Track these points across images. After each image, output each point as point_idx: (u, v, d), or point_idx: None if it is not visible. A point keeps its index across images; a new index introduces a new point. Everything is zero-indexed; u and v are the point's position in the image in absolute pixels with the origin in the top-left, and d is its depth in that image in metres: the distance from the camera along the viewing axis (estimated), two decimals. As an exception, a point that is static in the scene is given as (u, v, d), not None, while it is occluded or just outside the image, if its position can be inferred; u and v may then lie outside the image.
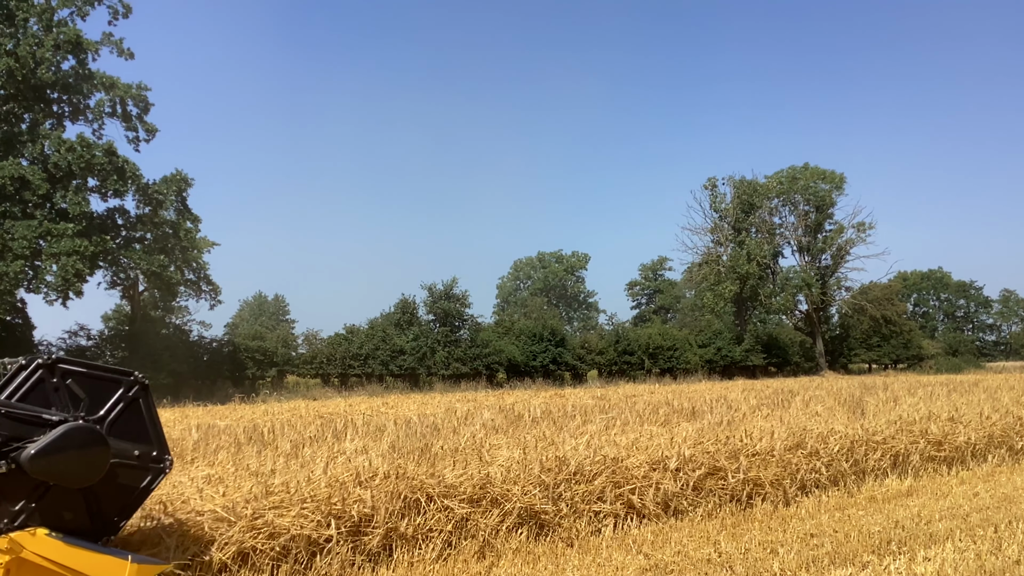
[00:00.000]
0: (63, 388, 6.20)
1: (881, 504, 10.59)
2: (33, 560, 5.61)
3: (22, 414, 5.92)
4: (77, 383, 6.25)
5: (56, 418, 6.01)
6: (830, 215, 77.13)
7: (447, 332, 57.36)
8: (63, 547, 5.74)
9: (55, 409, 6.09)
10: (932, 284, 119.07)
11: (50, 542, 5.71)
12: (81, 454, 5.93)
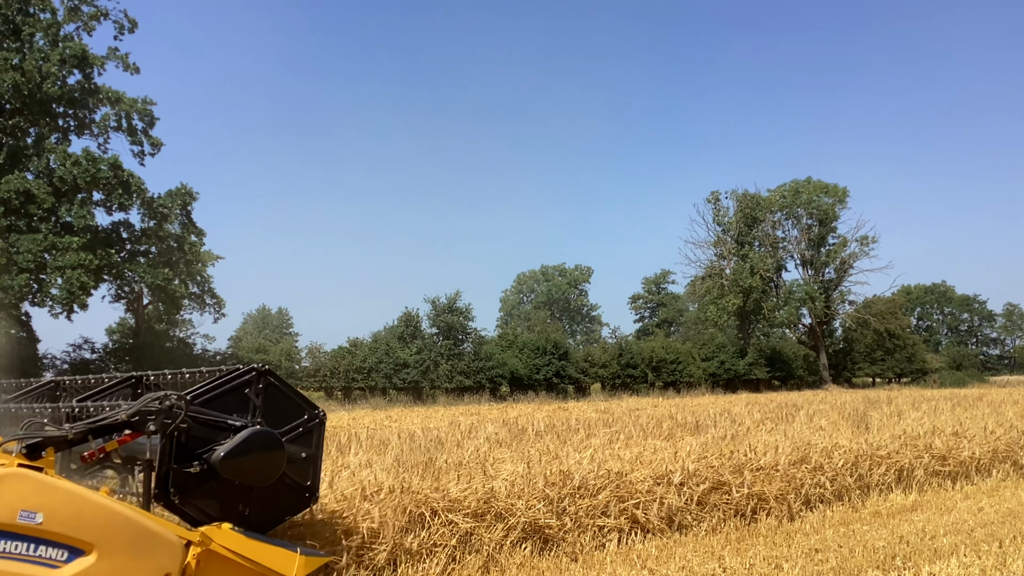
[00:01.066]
0: (258, 397, 6.95)
1: (886, 519, 10.58)
2: (219, 552, 6.22)
3: (210, 419, 6.64)
4: (267, 396, 6.99)
5: (238, 423, 6.72)
6: (833, 228, 77.21)
7: (450, 345, 57.37)
8: (243, 540, 6.38)
9: (236, 415, 6.80)
10: (936, 298, 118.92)
11: (233, 535, 6.34)
12: (262, 456, 6.66)
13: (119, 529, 5.88)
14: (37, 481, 5.65)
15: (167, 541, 6.04)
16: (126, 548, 5.87)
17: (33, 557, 5.53)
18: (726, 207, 77.34)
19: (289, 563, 6.52)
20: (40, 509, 5.56)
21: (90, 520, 5.75)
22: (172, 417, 6.36)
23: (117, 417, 6.31)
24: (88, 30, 41.57)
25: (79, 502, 5.79)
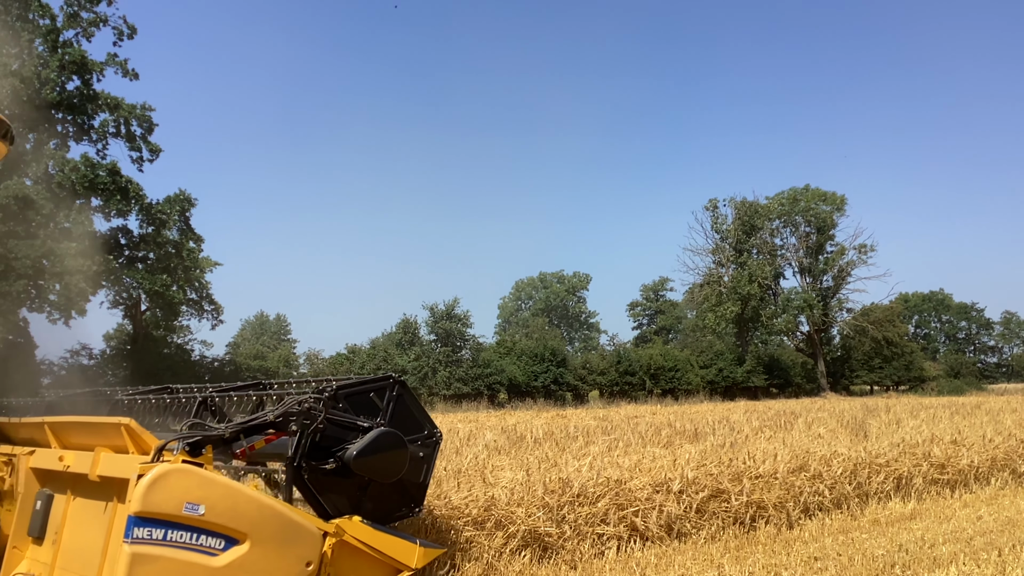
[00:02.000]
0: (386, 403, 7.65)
1: (885, 527, 10.58)
2: (350, 542, 6.93)
3: (343, 420, 7.30)
4: (378, 396, 7.68)
5: (366, 424, 7.38)
6: (831, 236, 77.33)
7: (448, 352, 57.35)
8: (371, 531, 7.10)
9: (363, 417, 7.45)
10: (933, 306, 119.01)
11: (362, 526, 7.05)
12: (389, 454, 7.34)
13: (268, 520, 6.55)
14: (200, 476, 6.30)
15: (308, 532, 6.76)
16: (274, 538, 6.56)
17: (195, 545, 6.16)
18: (724, 215, 77.51)
19: (410, 553, 7.28)
20: (202, 502, 6.21)
21: (244, 512, 6.42)
22: (311, 418, 7.04)
23: (266, 418, 6.99)
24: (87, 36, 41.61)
25: (235, 495, 6.46)
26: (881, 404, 37.27)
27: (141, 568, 5.93)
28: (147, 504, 6.02)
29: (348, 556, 6.96)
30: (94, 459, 6.88)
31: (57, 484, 7.71)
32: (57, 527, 7.46)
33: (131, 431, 6.72)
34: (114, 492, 6.77)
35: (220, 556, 6.29)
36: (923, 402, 39.56)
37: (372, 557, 7.12)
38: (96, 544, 6.77)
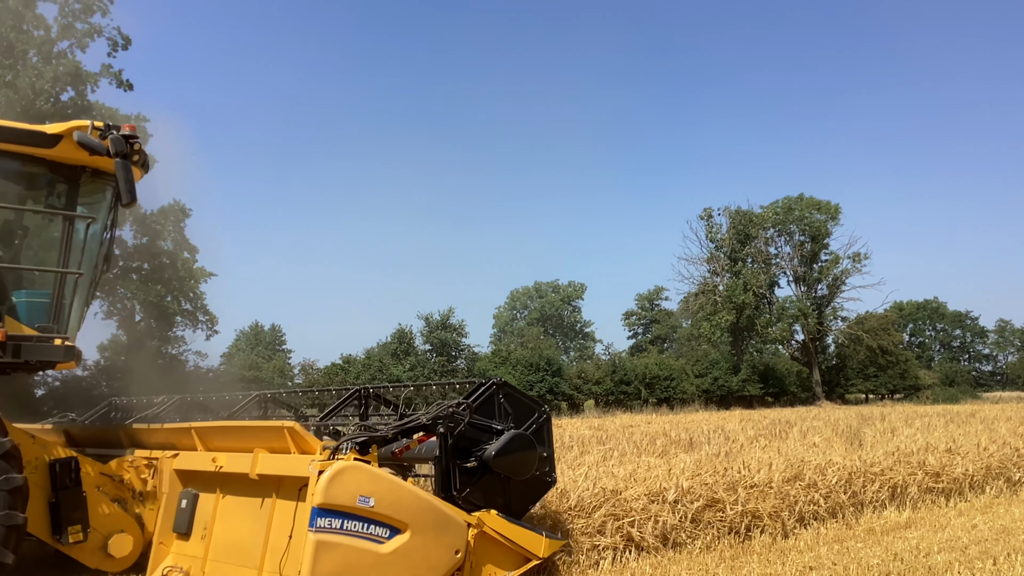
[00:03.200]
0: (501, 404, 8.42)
1: (880, 536, 10.58)
2: (489, 533, 7.78)
3: (480, 423, 8.12)
4: (507, 402, 8.48)
5: (499, 427, 8.24)
6: (825, 245, 77.47)
7: (444, 362, 57.28)
8: (505, 523, 7.94)
9: (496, 420, 8.28)
10: (928, 314, 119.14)
11: (498, 519, 7.90)
12: (522, 454, 8.20)
13: (426, 512, 7.37)
14: (369, 472, 7.13)
15: (457, 523, 7.58)
16: (430, 528, 7.35)
17: (366, 534, 6.95)
18: (719, 224, 77.60)
19: (538, 544, 8.13)
20: (372, 495, 6.99)
21: (406, 504, 7.22)
22: (456, 422, 7.91)
23: (419, 420, 7.79)
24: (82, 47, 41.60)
25: (398, 490, 7.27)
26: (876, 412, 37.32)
27: (324, 554, 6.67)
28: (328, 497, 6.76)
29: (486, 545, 7.80)
30: (253, 459, 7.64)
31: (203, 483, 8.44)
32: (206, 523, 8.22)
33: (294, 433, 7.51)
34: (273, 489, 7.65)
35: (386, 544, 7.07)
36: (918, 410, 39.62)
37: (506, 547, 7.94)
38: (255, 536, 7.59)
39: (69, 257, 8.61)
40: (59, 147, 8.32)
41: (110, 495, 8.86)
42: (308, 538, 6.70)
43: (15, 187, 8.70)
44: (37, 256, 8.92)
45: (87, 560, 8.56)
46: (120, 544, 8.65)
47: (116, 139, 8.19)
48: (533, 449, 8.38)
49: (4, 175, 8.46)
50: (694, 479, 11.00)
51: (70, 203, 8.71)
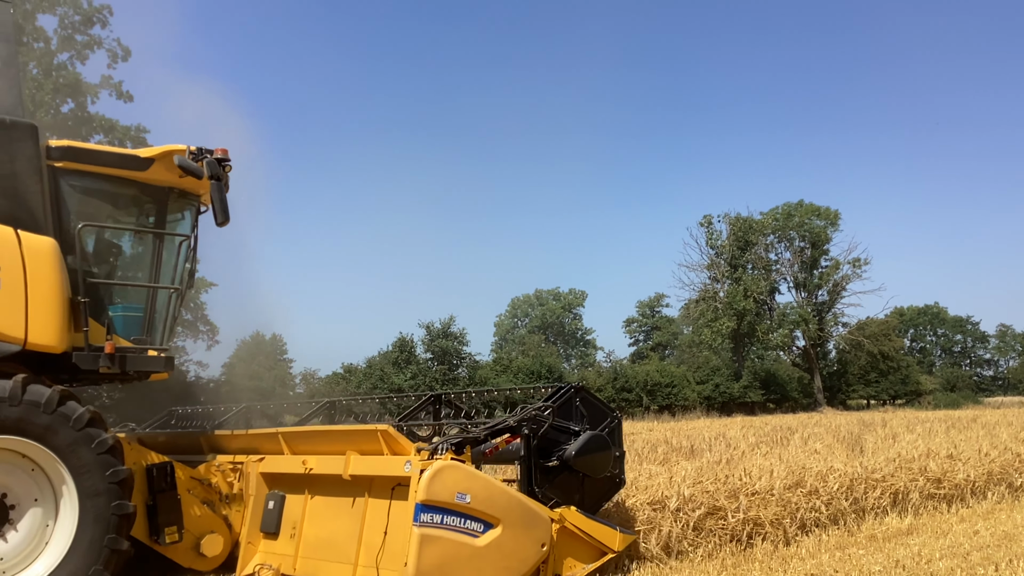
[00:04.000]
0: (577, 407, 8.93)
1: (881, 543, 10.56)
2: (569, 527, 8.30)
3: (559, 424, 8.63)
4: (583, 405, 9.00)
5: (576, 428, 8.77)
6: (826, 251, 77.58)
7: (445, 370, 57.26)
8: (584, 518, 8.47)
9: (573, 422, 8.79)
10: (929, 319, 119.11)
11: (578, 515, 8.43)
12: (599, 454, 8.74)
13: (516, 508, 7.90)
14: (465, 470, 7.67)
15: (542, 518, 8.09)
16: (520, 523, 7.86)
17: (463, 528, 7.46)
18: (719, 230, 77.70)
19: (613, 538, 8.63)
20: (468, 492, 7.51)
21: (498, 501, 7.75)
22: (539, 424, 8.41)
23: (507, 423, 8.34)
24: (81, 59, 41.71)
25: (491, 487, 7.84)
26: (877, 418, 37.27)
27: (427, 546, 7.19)
28: (430, 494, 7.28)
29: (567, 540, 8.31)
30: (346, 461, 8.17)
31: (290, 485, 9.03)
32: (295, 522, 8.78)
33: (387, 436, 8.03)
34: (365, 488, 8.20)
35: (481, 537, 7.58)
36: (919, 416, 39.56)
37: (585, 541, 8.44)
38: (348, 534, 8.13)
39: (160, 273, 9.21)
40: (151, 170, 8.89)
41: (199, 498, 9.33)
42: (412, 532, 7.20)
43: (109, 208, 9.20)
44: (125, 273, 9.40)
45: (181, 559, 9.01)
46: (211, 544, 9.08)
47: (211, 162, 8.83)
48: (608, 449, 8.94)
49: (100, 197, 8.97)
50: (696, 487, 10.98)
51: (159, 222, 9.27)
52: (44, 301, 7.68)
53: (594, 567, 8.56)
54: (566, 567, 8.34)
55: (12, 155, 7.80)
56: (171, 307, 9.50)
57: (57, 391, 7.52)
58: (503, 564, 7.70)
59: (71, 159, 8.43)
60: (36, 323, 7.58)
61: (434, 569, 7.24)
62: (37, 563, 7.53)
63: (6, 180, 7.76)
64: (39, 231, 7.84)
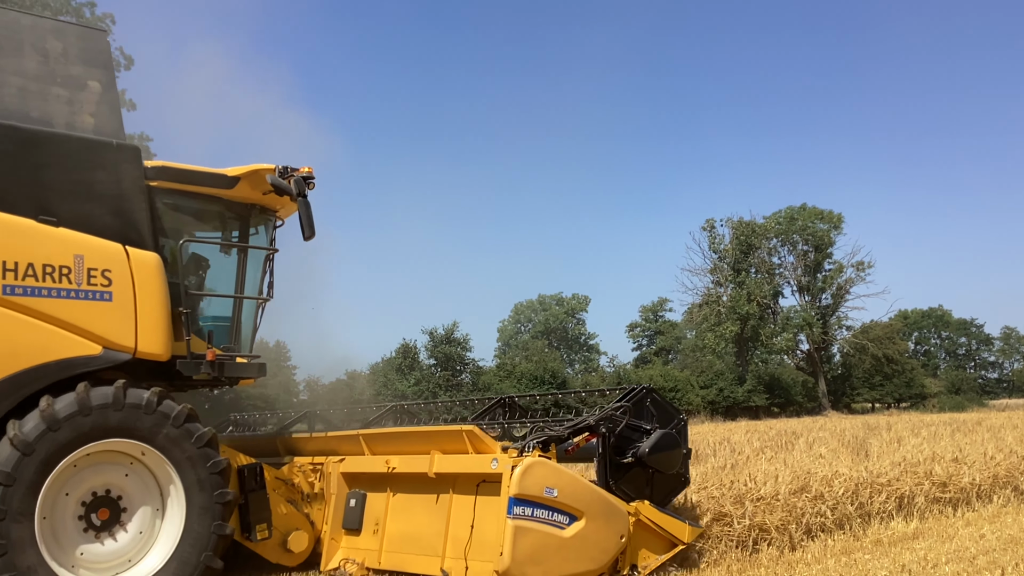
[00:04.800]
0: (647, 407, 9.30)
1: (887, 547, 10.54)
2: (644, 520, 8.80)
3: (635, 424, 9.07)
4: (653, 405, 9.38)
5: (648, 427, 9.15)
6: (829, 255, 77.52)
7: (448, 376, 57.23)
8: (657, 512, 8.96)
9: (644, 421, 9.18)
10: (933, 322, 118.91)
11: (651, 508, 8.92)
12: (671, 451, 9.13)
13: (598, 502, 8.39)
14: (552, 466, 8.18)
15: (621, 512, 8.58)
16: (601, 516, 8.35)
17: (551, 520, 7.97)
18: (721, 235, 77.69)
19: (683, 530, 9.14)
20: (555, 486, 8.00)
21: (582, 495, 8.26)
22: (616, 423, 8.86)
23: (587, 422, 8.73)
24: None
25: (576, 482, 8.33)
26: (882, 422, 37.21)
27: (520, 537, 7.69)
28: (522, 488, 7.78)
29: (642, 532, 8.79)
30: (430, 460, 8.71)
31: (370, 484, 9.62)
32: (377, 519, 9.34)
33: (472, 435, 8.62)
34: (449, 485, 8.75)
35: (567, 529, 8.05)
36: (924, 419, 39.50)
37: (658, 533, 8.94)
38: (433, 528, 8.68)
39: (245, 284, 9.86)
40: (237, 187, 9.46)
41: (284, 497, 9.81)
42: (507, 524, 7.71)
43: (198, 224, 9.88)
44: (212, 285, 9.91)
45: (269, 555, 9.51)
46: (297, 540, 9.55)
47: (298, 180, 9.33)
48: (678, 447, 9.32)
49: (190, 213, 9.60)
50: (701, 492, 10.98)
51: (242, 237, 9.88)
52: (151, 312, 8.19)
53: (666, 558, 9.07)
54: (641, 557, 8.84)
55: (120, 176, 8.28)
56: (256, 317, 10.20)
57: (155, 392, 8.00)
58: (587, 554, 8.20)
59: (165, 178, 8.92)
60: (145, 333, 8.09)
61: (527, 558, 7.74)
62: (151, 555, 8.08)
63: (115, 200, 8.25)
64: (144, 247, 8.32)
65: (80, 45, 8.44)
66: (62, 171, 7.98)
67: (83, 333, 7.81)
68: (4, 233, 7.55)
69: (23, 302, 7.52)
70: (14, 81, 8.01)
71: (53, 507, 7.65)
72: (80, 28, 8.62)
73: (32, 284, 7.57)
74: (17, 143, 7.76)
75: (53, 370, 7.61)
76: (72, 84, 8.32)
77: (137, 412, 7.85)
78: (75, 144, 8.12)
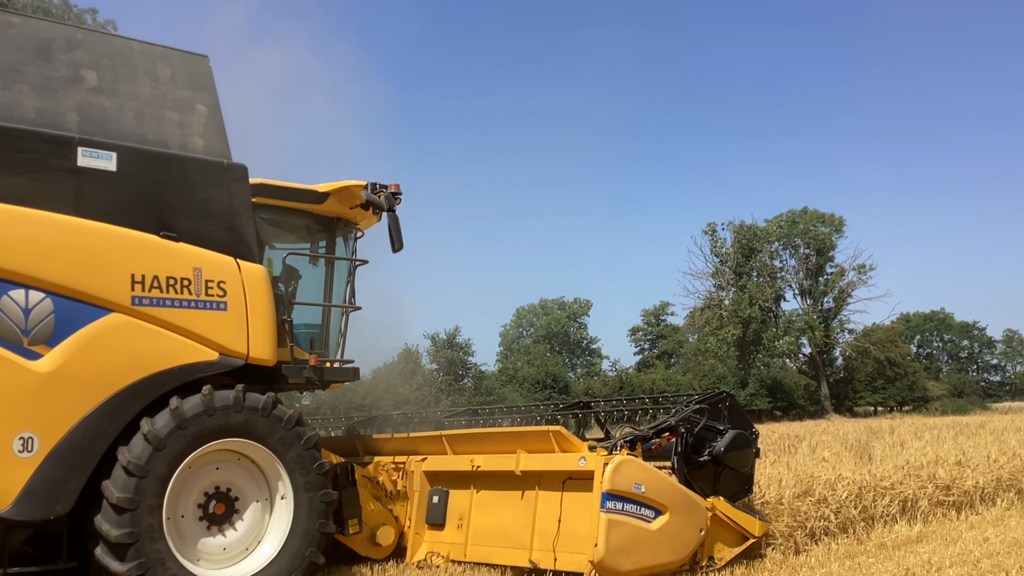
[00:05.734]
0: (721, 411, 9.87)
1: (891, 551, 10.54)
2: (719, 515, 9.34)
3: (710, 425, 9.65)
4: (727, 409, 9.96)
5: (722, 428, 9.75)
6: (831, 258, 77.54)
7: (451, 381, 57.23)
8: (731, 507, 9.52)
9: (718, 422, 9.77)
10: (935, 325, 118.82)
11: (725, 504, 9.47)
12: (744, 450, 9.85)
13: (680, 497, 8.95)
14: (639, 464, 8.80)
15: (700, 507, 9.13)
16: (683, 510, 8.90)
17: (638, 515, 8.51)
18: (723, 238, 77.71)
19: (754, 525, 9.71)
20: (643, 483, 8.56)
21: (665, 491, 8.82)
22: (693, 424, 9.46)
23: (669, 423, 9.38)
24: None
25: (661, 479, 8.92)
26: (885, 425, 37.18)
27: (613, 530, 8.24)
28: (613, 484, 8.33)
29: (717, 526, 9.32)
30: (516, 459, 9.31)
31: (452, 482, 10.20)
32: (461, 514, 9.90)
33: (559, 435, 9.24)
34: (534, 482, 9.30)
35: (652, 523, 8.57)
36: (927, 422, 39.46)
37: (731, 527, 9.47)
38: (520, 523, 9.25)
39: (332, 293, 10.56)
40: (327, 203, 10.15)
41: (371, 494, 10.34)
42: (601, 517, 8.23)
43: (290, 236, 10.70)
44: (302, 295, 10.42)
45: (359, 548, 10.03)
46: (385, 534, 10.11)
47: (388, 196, 10.03)
48: (751, 446, 9.98)
49: (283, 227, 10.41)
50: (705, 497, 10.98)
51: (329, 248, 10.64)
52: (261, 321, 8.75)
53: (739, 550, 9.60)
54: (716, 550, 9.38)
55: (231, 194, 8.83)
56: (341, 324, 10.76)
57: (271, 397, 8.61)
58: (671, 546, 8.76)
59: (263, 195, 9.53)
60: (255, 340, 8.65)
61: (618, 549, 8.27)
62: (260, 549, 8.62)
63: (227, 216, 8.79)
64: (252, 260, 8.89)
65: (186, 70, 8.96)
66: (181, 190, 8.52)
67: (202, 340, 8.33)
68: (133, 248, 8.06)
69: (150, 312, 8.04)
70: (131, 105, 8.47)
71: (177, 501, 8.15)
72: (185, 54, 9.03)
73: (157, 295, 8.12)
74: (141, 164, 8.27)
75: (176, 375, 8.13)
76: (182, 107, 8.79)
77: (254, 415, 8.39)
78: (192, 164, 8.62)
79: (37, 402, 7.35)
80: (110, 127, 8.25)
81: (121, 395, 7.77)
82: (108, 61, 8.47)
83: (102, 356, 7.73)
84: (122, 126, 8.32)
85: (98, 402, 7.65)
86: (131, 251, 8.04)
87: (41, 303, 7.49)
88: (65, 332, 7.57)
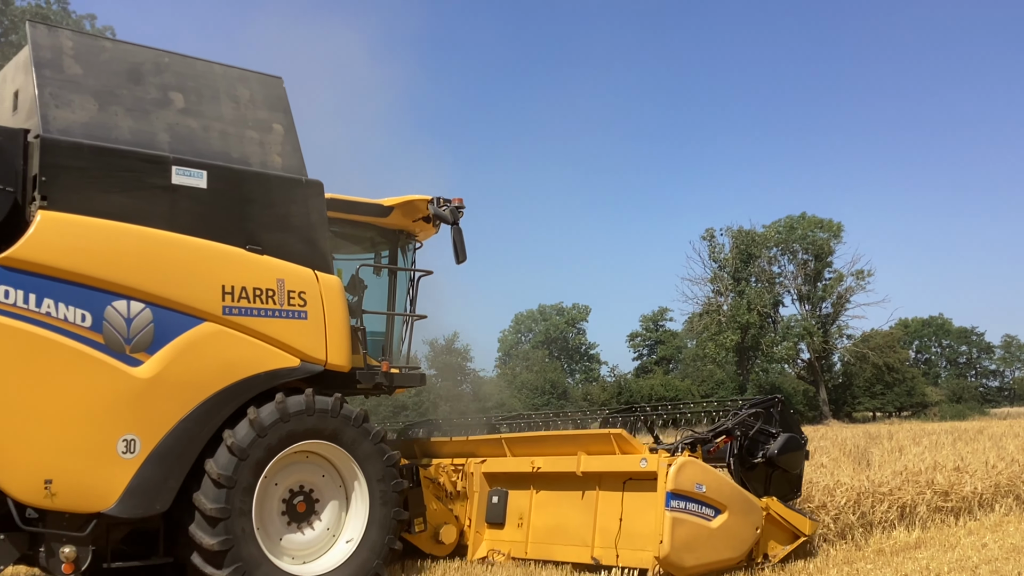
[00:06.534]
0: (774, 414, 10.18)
1: (889, 557, 10.52)
2: (772, 515, 9.65)
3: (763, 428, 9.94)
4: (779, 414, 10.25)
5: (775, 431, 9.99)
6: (829, 263, 77.64)
7: (449, 386, 57.23)
8: (783, 507, 9.82)
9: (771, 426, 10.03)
10: (933, 331, 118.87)
11: (778, 504, 9.77)
12: (796, 453, 10.10)
13: (737, 497, 9.29)
14: (700, 465, 9.18)
15: (756, 506, 9.49)
16: (740, 509, 9.24)
17: (700, 513, 8.85)
18: (721, 244, 77.82)
19: (804, 524, 9.97)
20: (704, 483, 8.95)
21: (725, 491, 9.19)
22: (748, 427, 9.84)
23: (726, 426, 9.78)
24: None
25: (720, 479, 9.29)
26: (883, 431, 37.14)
27: (677, 527, 8.60)
28: (677, 484, 8.70)
29: (771, 525, 9.64)
30: (577, 460, 9.68)
31: (511, 482, 10.60)
32: (521, 514, 10.29)
33: (619, 438, 9.63)
34: (595, 483, 9.68)
35: (712, 521, 8.93)
36: (925, 428, 39.43)
37: (783, 525, 9.77)
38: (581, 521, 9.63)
39: (395, 302, 11.13)
40: (391, 216, 10.80)
41: (434, 494, 10.78)
42: (665, 516, 8.58)
43: (356, 248, 11.24)
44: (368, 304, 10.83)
45: (423, 546, 10.49)
46: (447, 533, 10.55)
47: (452, 209, 10.71)
48: (802, 449, 10.26)
49: (350, 240, 10.99)
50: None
51: (392, 259, 11.32)
52: (337, 329, 9.16)
53: (791, 548, 9.89)
54: (770, 547, 9.71)
55: (309, 208, 9.29)
56: (403, 331, 11.30)
57: (338, 398, 8.99)
58: (729, 544, 9.11)
59: (333, 209, 9.91)
60: (333, 347, 9.07)
61: (682, 546, 8.63)
62: (339, 542, 9.06)
63: (306, 230, 9.24)
64: (328, 271, 9.31)
65: (263, 91, 9.41)
66: (265, 206, 8.95)
67: (285, 348, 8.75)
68: (223, 261, 8.48)
69: (239, 321, 8.45)
70: (216, 126, 8.91)
71: (263, 504, 8.56)
72: (261, 76, 9.48)
73: (245, 305, 8.54)
74: (228, 182, 8.69)
75: (262, 380, 8.56)
76: (261, 127, 9.25)
77: (325, 416, 8.79)
78: (274, 181, 9.08)
79: (139, 406, 7.75)
80: (198, 146, 8.66)
81: (214, 399, 8.18)
82: (193, 83, 8.88)
83: (197, 363, 8.13)
84: (209, 145, 8.74)
85: (193, 406, 8.05)
86: (221, 264, 8.46)
87: (141, 313, 7.89)
88: (163, 340, 7.99)
